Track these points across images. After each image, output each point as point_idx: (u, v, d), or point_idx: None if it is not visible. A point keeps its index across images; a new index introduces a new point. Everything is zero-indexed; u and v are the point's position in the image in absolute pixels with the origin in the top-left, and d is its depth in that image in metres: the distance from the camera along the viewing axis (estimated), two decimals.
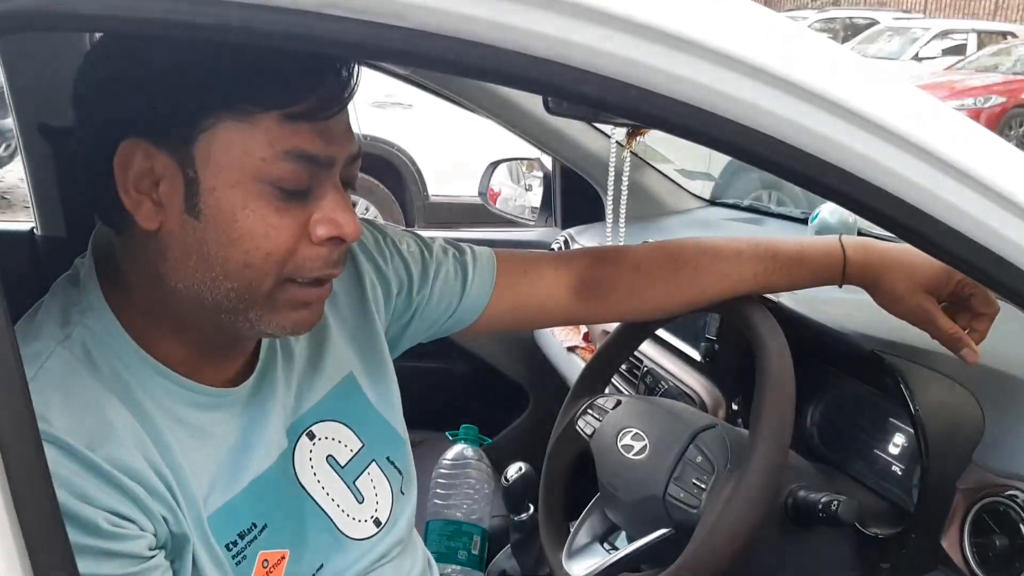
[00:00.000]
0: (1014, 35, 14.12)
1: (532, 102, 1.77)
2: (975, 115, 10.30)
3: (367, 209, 4.88)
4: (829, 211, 1.55)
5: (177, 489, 0.76)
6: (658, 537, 1.00)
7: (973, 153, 0.72)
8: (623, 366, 1.55)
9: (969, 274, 0.86)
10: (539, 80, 0.66)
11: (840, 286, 1.05)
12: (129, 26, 0.62)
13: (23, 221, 1.81)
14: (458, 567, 1.41)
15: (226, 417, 0.83)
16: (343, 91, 0.75)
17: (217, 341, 0.82)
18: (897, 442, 1.11)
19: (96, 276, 0.79)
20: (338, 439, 0.91)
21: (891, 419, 1.12)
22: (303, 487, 0.88)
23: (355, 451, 0.92)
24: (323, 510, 0.89)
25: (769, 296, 1.15)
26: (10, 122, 1.63)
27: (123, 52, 0.73)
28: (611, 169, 1.55)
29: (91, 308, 0.78)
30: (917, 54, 13.61)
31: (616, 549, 1.09)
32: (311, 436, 0.89)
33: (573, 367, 1.73)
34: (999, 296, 0.99)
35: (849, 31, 16.08)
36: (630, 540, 1.06)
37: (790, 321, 1.10)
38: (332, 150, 0.75)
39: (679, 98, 0.66)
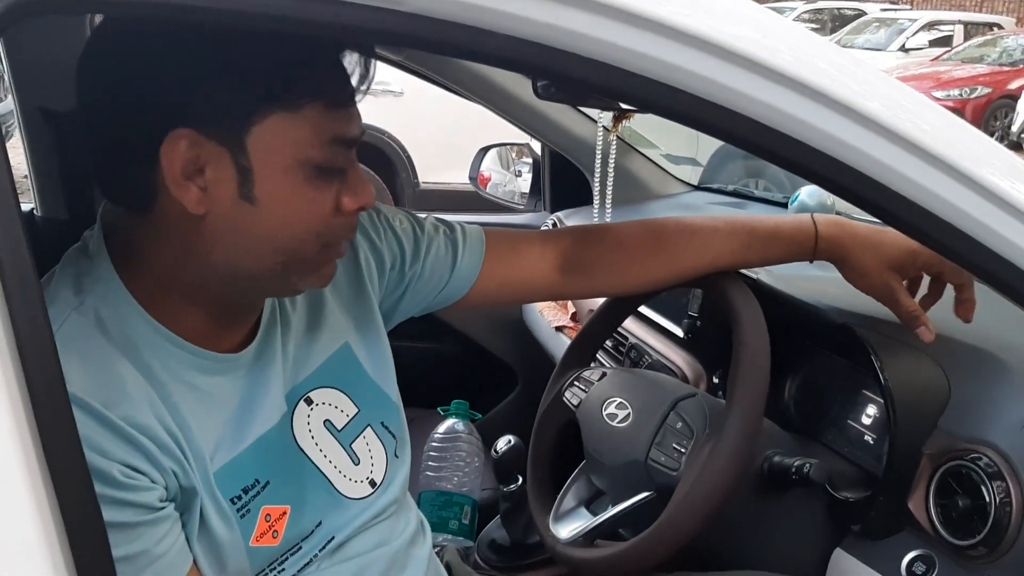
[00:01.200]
0: (1000, 26, 14.23)
1: (521, 88, 1.80)
2: (961, 106, 10.37)
3: None
4: (808, 194, 1.59)
5: (186, 445, 0.81)
6: (640, 500, 1.05)
7: (938, 135, 0.77)
8: (608, 342, 1.60)
9: (936, 250, 0.91)
10: (529, 62, 0.71)
11: (812, 261, 1.10)
12: (134, 10, 0.66)
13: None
14: (449, 536, 1.45)
15: (229, 381, 0.87)
16: (367, 76, 0.84)
17: (231, 310, 0.87)
18: (869, 412, 1.16)
19: (105, 248, 0.84)
20: (335, 404, 0.96)
21: (864, 391, 1.17)
22: (302, 450, 0.92)
23: (351, 416, 0.97)
24: (321, 471, 0.93)
25: (747, 273, 1.20)
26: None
27: (170, 42, 0.76)
28: (598, 153, 1.59)
29: (101, 278, 0.82)
30: (904, 45, 13.68)
31: (600, 513, 1.14)
32: (309, 402, 0.94)
33: (561, 346, 1.78)
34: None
35: (837, 21, 16.12)
36: (614, 504, 1.11)
37: (768, 296, 1.15)
38: (358, 131, 0.84)
39: (663, 80, 0.71)
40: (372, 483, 0.97)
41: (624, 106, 1.13)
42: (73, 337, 0.78)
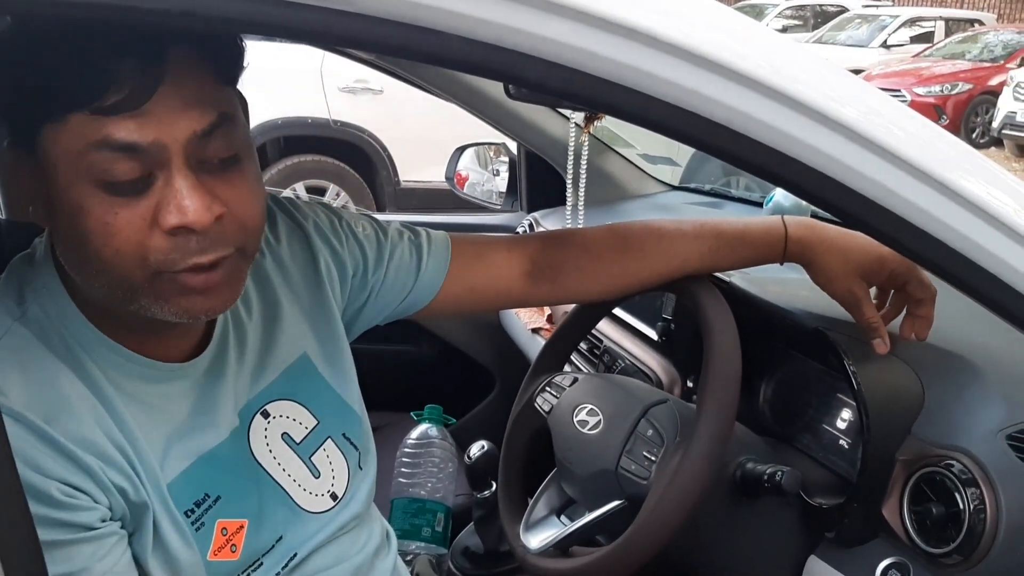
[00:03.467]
0: (981, 23, 14.31)
1: (494, 86, 1.78)
2: (942, 102, 10.44)
3: (338, 194, 4.88)
4: (783, 194, 1.57)
5: (135, 458, 0.78)
6: (611, 509, 1.03)
7: (911, 141, 0.75)
8: (583, 345, 1.59)
9: (908, 256, 0.90)
10: (488, 67, 0.69)
11: (782, 263, 1.08)
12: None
13: None
14: (422, 543, 1.44)
15: (176, 391, 0.85)
16: (153, 74, 0.72)
17: (151, 322, 0.80)
18: (844, 417, 1.14)
19: (51, 256, 0.81)
20: (293, 417, 0.93)
21: (838, 395, 1.15)
22: (259, 464, 0.90)
23: (310, 428, 0.94)
24: (280, 485, 0.91)
25: (720, 276, 1.18)
26: None
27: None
28: (570, 152, 1.57)
29: (45, 287, 0.80)
30: (886, 41, 13.75)
31: (572, 522, 1.12)
32: (266, 415, 0.91)
33: (537, 348, 1.75)
34: (934, 276, 1.02)
35: (819, 18, 16.17)
36: (588, 512, 1.09)
37: (740, 300, 1.14)
38: (157, 133, 0.72)
39: (628, 85, 0.69)
40: (333, 496, 0.95)
41: None
42: (14, 349, 0.76)
